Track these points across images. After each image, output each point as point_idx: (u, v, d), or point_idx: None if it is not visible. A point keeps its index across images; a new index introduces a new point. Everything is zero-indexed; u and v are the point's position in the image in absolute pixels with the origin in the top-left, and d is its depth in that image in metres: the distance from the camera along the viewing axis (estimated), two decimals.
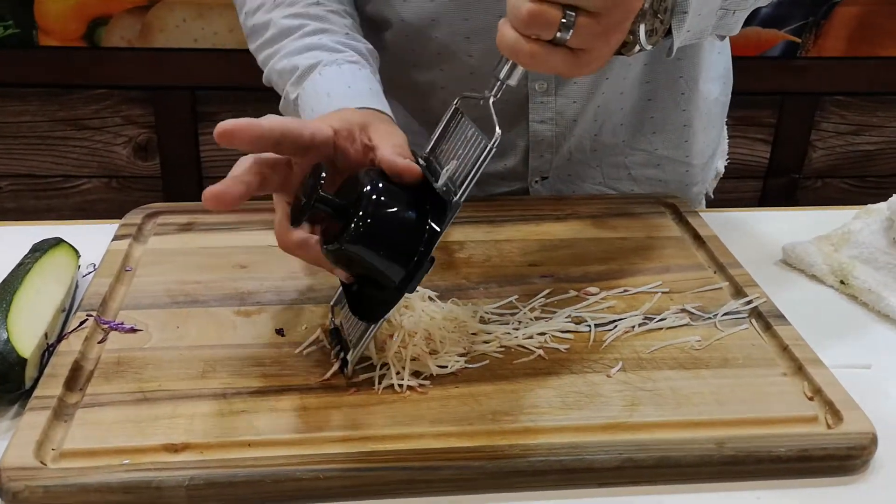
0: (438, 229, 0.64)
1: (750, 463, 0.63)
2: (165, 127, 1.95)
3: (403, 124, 1.02)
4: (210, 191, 0.63)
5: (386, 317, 0.66)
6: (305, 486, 0.60)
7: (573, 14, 0.61)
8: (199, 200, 0.90)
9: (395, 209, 0.65)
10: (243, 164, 0.67)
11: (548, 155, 1.02)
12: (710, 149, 1.10)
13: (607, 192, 1.06)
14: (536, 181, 1.04)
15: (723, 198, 1.18)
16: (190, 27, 1.87)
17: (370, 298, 0.67)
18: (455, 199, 0.64)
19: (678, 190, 1.07)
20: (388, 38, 0.97)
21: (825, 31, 2.02)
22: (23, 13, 1.83)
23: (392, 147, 0.68)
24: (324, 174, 0.64)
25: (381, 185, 0.65)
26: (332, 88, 0.83)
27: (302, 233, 0.68)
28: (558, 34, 0.61)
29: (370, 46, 0.92)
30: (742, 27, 0.90)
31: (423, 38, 0.95)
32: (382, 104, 0.81)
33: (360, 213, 0.63)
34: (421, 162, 0.69)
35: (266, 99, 0.95)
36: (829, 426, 0.66)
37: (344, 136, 0.71)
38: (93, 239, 0.89)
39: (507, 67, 0.66)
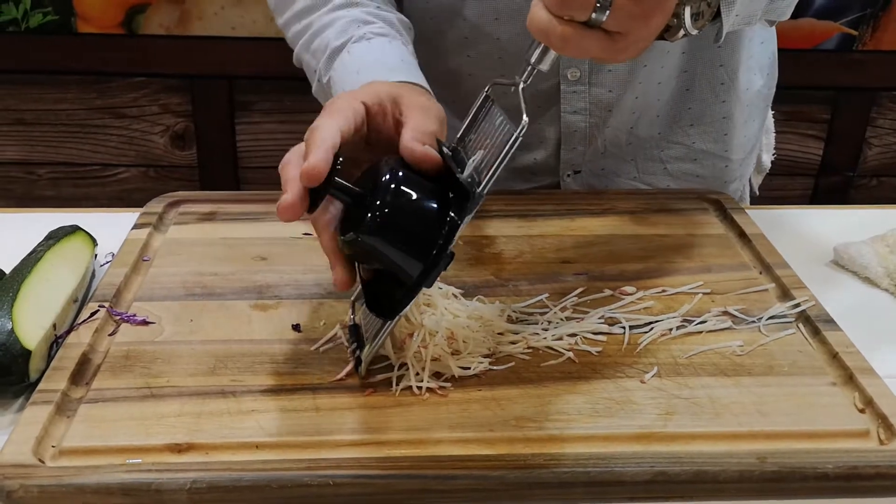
0: (459, 221, 0.60)
1: (794, 480, 0.59)
2: (202, 116, 1.94)
3: None
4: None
5: (402, 313, 0.62)
6: (313, 493, 0.57)
7: None
8: (233, 190, 0.89)
9: (414, 199, 0.61)
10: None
11: (581, 147, 0.98)
12: (750, 143, 1.05)
13: (642, 188, 1.02)
14: (568, 175, 1.00)
15: (771, 195, 1.13)
16: (228, 15, 1.85)
17: (388, 294, 0.63)
18: (478, 189, 0.61)
19: (716, 186, 1.02)
20: (413, 21, 0.94)
21: (883, 23, 1.95)
22: (62, 0, 1.83)
23: (413, 131, 0.64)
24: (341, 159, 0.61)
25: (400, 173, 0.61)
26: (362, 65, 0.79)
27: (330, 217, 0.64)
28: (593, 15, 0.58)
29: (402, 17, 0.88)
30: (795, 17, 0.85)
31: (450, 20, 0.91)
32: (416, 76, 0.77)
33: (378, 203, 0.60)
34: (446, 151, 0.65)
35: (304, 89, 0.91)
36: (881, 441, 0.62)
37: (375, 111, 0.67)
38: (115, 227, 0.87)
39: (538, 51, 0.62)
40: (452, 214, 0.61)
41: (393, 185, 0.61)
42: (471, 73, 0.94)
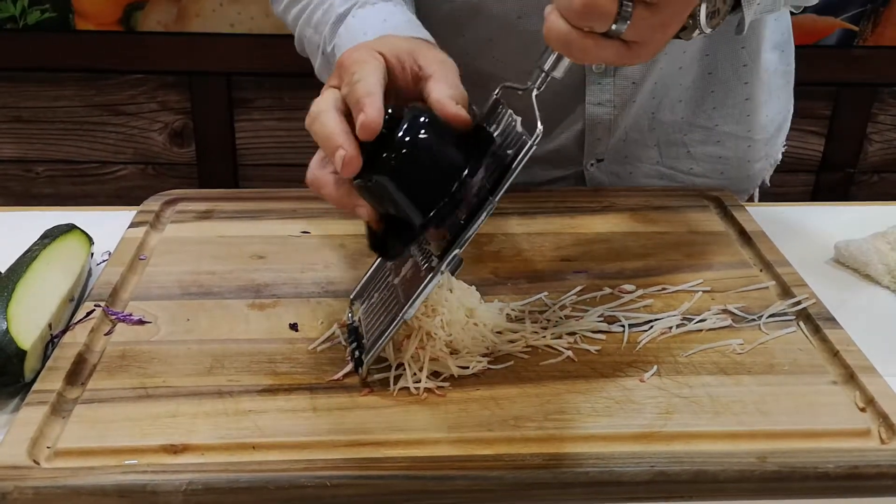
0: (474, 172, 0.61)
1: (795, 480, 0.59)
2: (201, 113, 1.93)
3: None
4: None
5: (404, 253, 0.64)
6: (310, 494, 0.56)
7: (630, 4, 0.56)
8: (233, 188, 0.87)
9: (435, 143, 0.61)
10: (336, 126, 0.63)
11: (604, 138, 0.98)
12: (775, 123, 1.05)
13: (665, 172, 1.01)
14: (592, 164, 1.00)
15: (772, 192, 1.13)
16: (226, 12, 1.85)
17: (394, 237, 0.64)
18: (491, 198, 0.61)
19: (739, 167, 1.02)
20: (429, 24, 0.93)
21: (884, 18, 1.95)
22: None
23: (445, 88, 0.63)
24: (390, 109, 0.61)
25: (423, 118, 0.61)
26: (368, 26, 0.79)
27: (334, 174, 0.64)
28: (613, 26, 0.57)
29: None
30: (795, 14, 0.84)
31: (470, 20, 0.90)
32: (425, 34, 0.76)
33: (397, 143, 0.60)
34: (475, 110, 0.65)
35: (303, 86, 0.91)
36: (882, 441, 0.61)
37: (393, 64, 0.66)
38: (112, 226, 0.87)
39: (552, 58, 0.62)
40: (468, 169, 0.61)
41: (416, 127, 0.61)
42: (496, 72, 0.93)
